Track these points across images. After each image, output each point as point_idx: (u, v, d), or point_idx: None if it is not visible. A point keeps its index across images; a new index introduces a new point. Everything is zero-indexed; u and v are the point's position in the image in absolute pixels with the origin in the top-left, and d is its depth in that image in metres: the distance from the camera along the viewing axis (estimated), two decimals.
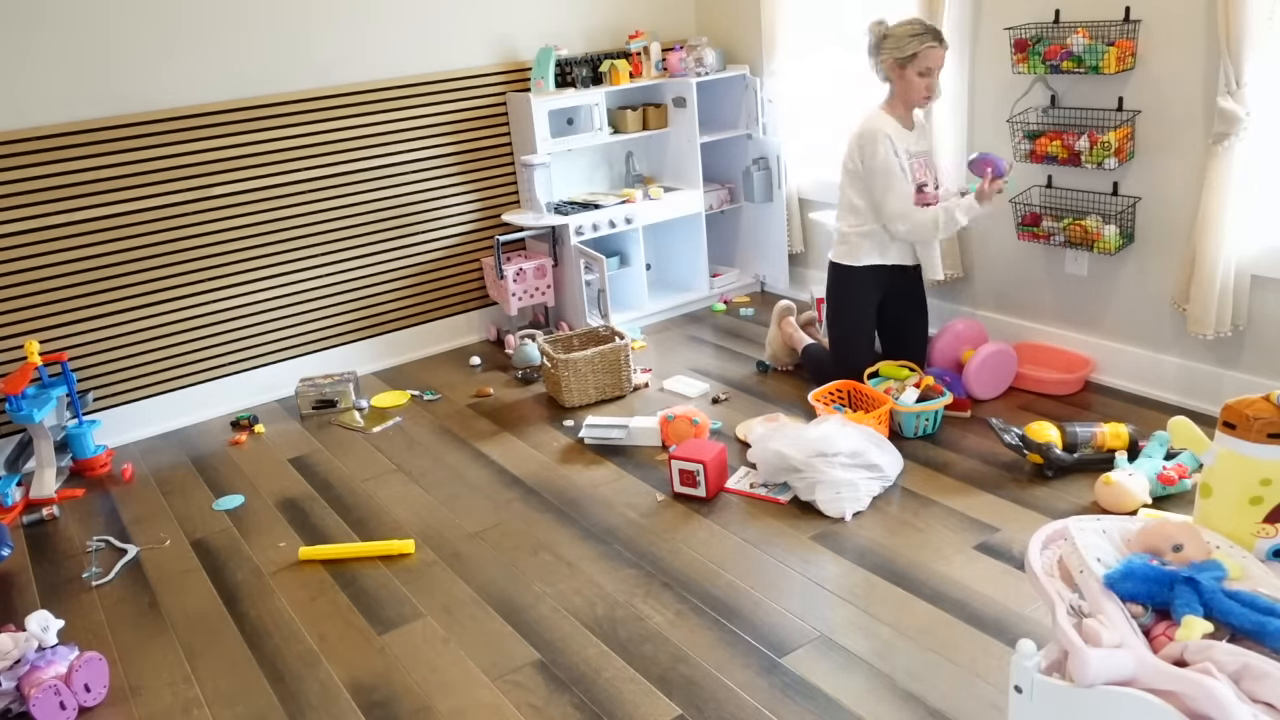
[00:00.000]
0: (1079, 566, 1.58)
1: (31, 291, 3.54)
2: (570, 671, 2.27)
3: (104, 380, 3.74)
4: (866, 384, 3.35)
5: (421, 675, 2.31)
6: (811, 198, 4.55)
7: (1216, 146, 2.90)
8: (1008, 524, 2.70)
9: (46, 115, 3.44)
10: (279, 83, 3.84)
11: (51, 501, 3.32)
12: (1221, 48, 2.82)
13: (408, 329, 4.38)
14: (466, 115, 4.30)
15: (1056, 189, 3.47)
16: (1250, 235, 2.99)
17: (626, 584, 2.59)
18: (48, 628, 2.35)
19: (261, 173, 3.87)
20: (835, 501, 2.79)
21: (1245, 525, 1.65)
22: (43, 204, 3.48)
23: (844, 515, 2.78)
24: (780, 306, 3.87)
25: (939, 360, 3.56)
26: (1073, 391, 3.44)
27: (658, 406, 3.63)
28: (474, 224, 4.45)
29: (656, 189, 4.52)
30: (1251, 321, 3.07)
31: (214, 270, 3.86)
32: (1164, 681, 1.36)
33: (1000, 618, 2.32)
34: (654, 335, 4.42)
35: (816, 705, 2.09)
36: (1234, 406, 1.64)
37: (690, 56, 4.42)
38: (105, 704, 2.33)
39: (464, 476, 3.27)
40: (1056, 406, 3.36)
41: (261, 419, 3.90)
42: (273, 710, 2.25)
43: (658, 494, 3.03)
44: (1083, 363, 3.50)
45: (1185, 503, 2.69)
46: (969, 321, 3.64)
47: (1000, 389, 3.47)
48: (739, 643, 2.32)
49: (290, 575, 2.79)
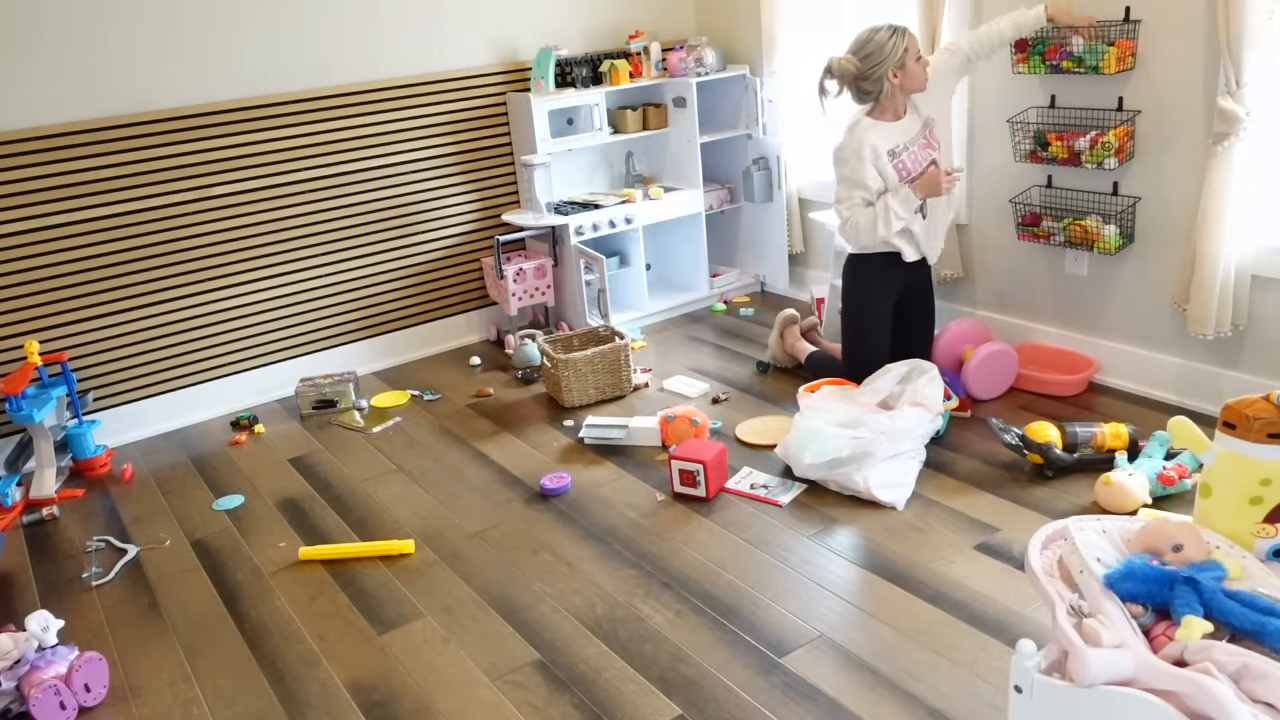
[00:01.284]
0: (1079, 566, 1.58)
1: (31, 291, 3.54)
2: (570, 671, 2.27)
3: (104, 380, 3.74)
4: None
5: (421, 675, 2.31)
6: (811, 198, 4.55)
7: (1216, 146, 2.90)
8: (1008, 524, 2.70)
9: (47, 115, 3.44)
10: (279, 83, 3.84)
11: (51, 501, 3.32)
12: (1221, 48, 2.82)
13: (408, 329, 4.39)
14: (466, 115, 4.30)
15: (1056, 189, 3.47)
16: (1250, 235, 2.99)
17: (626, 584, 2.59)
18: (48, 628, 2.35)
19: (261, 173, 3.87)
20: (891, 489, 2.84)
21: (1245, 525, 1.65)
22: (43, 204, 3.48)
23: (899, 504, 2.82)
24: (783, 316, 3.86)
25: (940, 360, 3.56)
26: (1076, 393, 3.44)
27: (658, 406, 3.64)
28: (474, 224, 4.45)
29: (656, 189, 4.52)
30: (1251, 321, 3.07)
31: (214, 270, 3.87)
32: (1164, 681, 1.36)
33: (1000, 618, 2.32)
34: (654, 335, 4.42)
35: (816, 705, 2.09)
36: (1234, 406, 1.64)
37: (690, 56, 4.42)
38: (105, 704, 2.33)
39: (464, 476, 3.27)
40: (1057, 406, 3.36)
41: (261, 419, 3.90)
42: (273, 710, 2.25)
43: (658, 494, 3.03)
44: (1086, 364, 3.49)
45: (1185, 503, 2.69)
46: (971, 321, 3.64)
47: (1000, 389, 3.46)
48: (739, 643, 2.32)
49: (290, 575, 2.79)
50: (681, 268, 4.82)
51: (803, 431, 2.97)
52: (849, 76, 3.17)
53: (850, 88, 3.21)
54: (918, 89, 3.21)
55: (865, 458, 2.86)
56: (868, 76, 3.15)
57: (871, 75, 3.15)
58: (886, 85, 3.16)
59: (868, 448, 2.86)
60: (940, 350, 3.57)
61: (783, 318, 3.85)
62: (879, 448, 2.86)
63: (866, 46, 3.13)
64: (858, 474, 2.85)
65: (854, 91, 3.22)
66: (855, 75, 3.16)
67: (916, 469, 2.95)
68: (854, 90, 3.22)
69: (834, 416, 2.99)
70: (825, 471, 2.91)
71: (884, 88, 3.17)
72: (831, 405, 3.07)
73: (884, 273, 3.36)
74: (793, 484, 3.00)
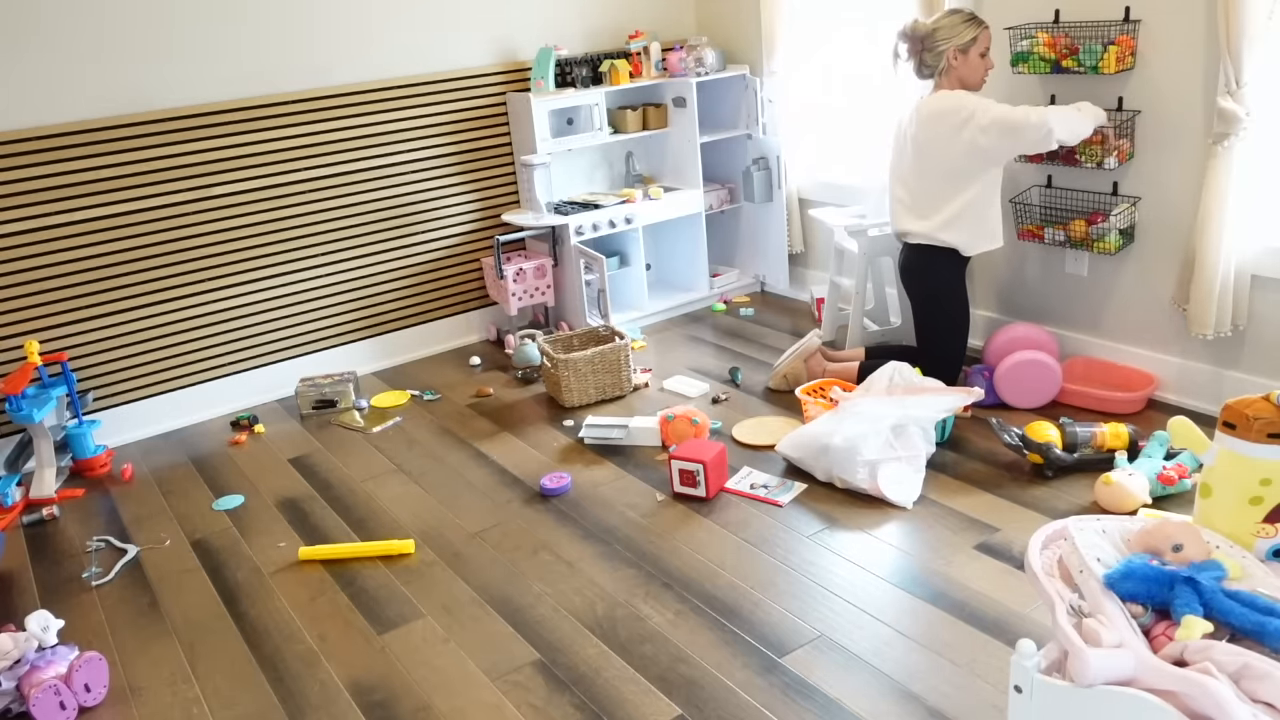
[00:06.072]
0: (1079, 566, 1.58)
1: (31, 291, 3.54)
2: (570, 671, 2.27)
3: (104, 380, 3.74)
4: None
5: (421, 675, 2.31)
6: (811, 198, 4.55)
7: (1216, 146, 2.90)
8: (1008, 524, 2.70)
9: (46, 115, 3.44)
10: (279, 83, 3.84)
11: (51, 501, 3.32)
12: (1221, 47, 2.82)
13: (408, 329, 4.39)
14: (466, 115, 4.30)
15: (1056, 189, 3.47)
16: (1250, 235, 2.99)
17: (626, 584, 2.59)
18: (48, 628, 2.35)
19: (261, 173, 3.87)
20: (898, 486, 2.84)
21: (1245, 525, 1.65)
22: (43, 204, 3.48)
23: (907, 503, 2.83)
24: (807, 348, 3.65)
25: (991, 359, 3.51)
26: (1134, 411, 3.25)
27: (658, 406, 3.63)
28: (474, 224, 4.45)
29: (656, 189, 4.52)
30: (1251, 321, 3.07)
31: (214, 270, 3.87)
32: (1164, 681, 1.36)
33: (1000, 618, 2.32)
34: (654, 335, 4.42)
35: (816, 705, 2.09)
36: (1234, 406, 1.64)
37: (690, 56, 4.42)
38: (105, 704, 2.33)
39: (464, 476, 3.27)
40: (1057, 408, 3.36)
41: (261, 419, 3.90)
42: (273, 710, 2.25)
43: (658, 494, 3.03)
44: (1145, 380, 3.30)
45: (1185, 503, 2.69)
46: (1039, 330, 3.51)
47: (1037, 401, 3.32)
48: (739, 642, 2.32)
49: (290, 575, 2.79)
50: (681, 268, 4.82)
51: (851, 433, 2.93)
52: (918, 39, 3.23)
53: (915, 57, 3.26)
54: (973, 84, 3.23)
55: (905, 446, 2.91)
56: (931, 49, 3.21)
57: (935, 48, 3.20)
58: (945, 63, 3.21)
59: (908, 440, 2.92)
60: (993, 350, 3.51)
61: (806, 350, 3.65)
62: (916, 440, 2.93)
63: (941, 20, 3.21)
64: (881, 469, 2.85)
65: (917, 63, 3.27)
66: (923, 40, 3.22)
67: (923, 469, 2.94)
68: (917, 61, 3.27)
69: (878, 412, 2.99)
70: (865, 472, 2.89)
71: (942, 64, 3.22)
72: (871, 403, 3.06)
73: (963, 269, 3.37)
74: (793, 484, 3.00)
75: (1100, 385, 3.39)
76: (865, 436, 2.89)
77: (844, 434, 2.91)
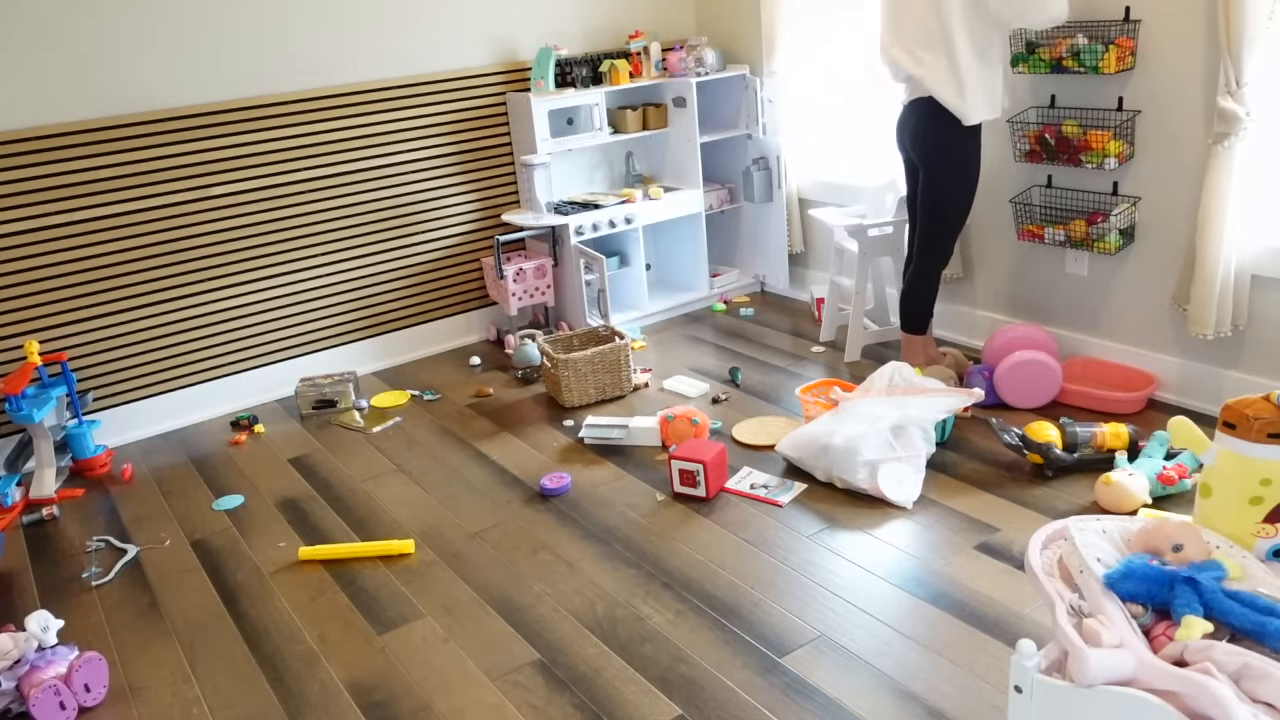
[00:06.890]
0: (1079, 566, 1.58)
1: (31, 291, 3.54)
2: (570, 671, 2.27)
3: (104, 380, 3.74)
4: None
5: (421, 675, 2.31)
6: (811, 197, 4.55)
7: (1216, 146, 2.89)
8: (1008, 524, 2.70)
9: (46, 115, 3.44)
10: (279, 83, 3.84)
11: (51, 501, 3.32)
12: (1221, 48, 2.82)
13: (408, 329, 4.39)
14: (466, 115, 4.30)
15: (1056, 189, 3.47)
16: (1250, 235, 2.99)
17: (626, 584, 2.59)
18: (48, 628, 2.35)
19: (261, 173, 3.87)
20: (898, 486, 2.84)
21: (1245, 525, 1.65)
22: (43, 204, 3.48)
23: (907, 503, 2.83)
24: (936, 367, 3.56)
25: (991, 360, 3.49)
26: (1134, 411, 3.24)
27: (658, 406, 3.63)
28: (474, 224, 4.45)
29: (656, 189, 4.52)
30: (1251, 321, 3.07)
31: (214, 270, 3.87)
32: (1164, 681, 1.36)
33: (1000, 618, 2.32)
34: (654, 335, 4.42)
35: (816, 705, 2.09)
36: (1234, 406, 1.64)
37: (690, 56, 4.42)
38: (105, 704, 2.33)
39: (464, 476, 3.27)
40: (1058, 408, 3.36)
41: (261, 419, 3.90)
42: (273, 710, 2.25)
43: (658, 494, 3.03)
44: (1145, 380, 3.30)
45: (1185, 503, 2.69)
46: (1039, 330, 3.49)
47: (1037, 401, 3.32)
48: (739, 642, 2.32)
49: (290, 575, 2.79)
50: (681, 268, 4.82)
51: (851, 433, 2.93)
52: None
53: None
54: None
55: (905, 446, 2.92)
56: None
57: None
58: None
59: (908, 439, 2.93)
60: (993, 350, 3.50)
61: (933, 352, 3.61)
62: (916, 439, 2.94)
63: None
64: (882, 469, 2.86)
65: None
66: None
67: (924, 469, 2.95)
68: None
69: (878, 412, 3.00)
70: (866, 472, 2.89)
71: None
72: (871, 403, 3.07)
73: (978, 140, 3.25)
74: (793, 484, 3.00)
75: (1100, 385, 3.39)
76: (865, 436, 2.89)
77: (844, 434, 2.91)
